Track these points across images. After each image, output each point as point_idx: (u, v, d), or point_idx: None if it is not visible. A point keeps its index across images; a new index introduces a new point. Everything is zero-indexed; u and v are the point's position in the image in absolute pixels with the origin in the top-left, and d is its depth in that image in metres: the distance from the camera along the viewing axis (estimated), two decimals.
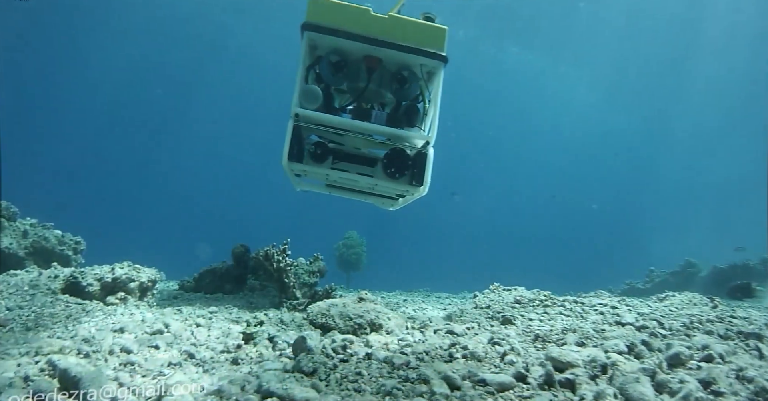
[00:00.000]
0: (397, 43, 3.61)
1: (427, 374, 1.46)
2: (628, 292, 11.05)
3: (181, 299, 4.39)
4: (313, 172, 3.62)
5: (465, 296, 8.19)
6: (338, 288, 4.40)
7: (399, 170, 3.65)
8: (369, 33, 3.50)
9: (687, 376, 1.45)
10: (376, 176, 3.67)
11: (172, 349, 2.03)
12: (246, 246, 5.34)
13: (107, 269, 3.89)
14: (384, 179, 3.65)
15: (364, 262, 16.55)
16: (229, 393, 1.35)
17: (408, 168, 3.71)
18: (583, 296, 4.32)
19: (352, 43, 3.49)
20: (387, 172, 3.60)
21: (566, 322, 2.80)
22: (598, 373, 1.54)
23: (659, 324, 2.60)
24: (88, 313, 3.15)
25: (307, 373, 1.57)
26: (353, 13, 3.51)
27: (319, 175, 3.73)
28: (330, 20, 3.45)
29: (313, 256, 5.26)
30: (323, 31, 3.43)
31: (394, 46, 3.60)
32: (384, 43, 3.53)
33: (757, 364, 1.69)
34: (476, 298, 4.24)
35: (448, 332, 2.39)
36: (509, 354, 1.79)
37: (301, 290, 3.90)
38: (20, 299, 3.30)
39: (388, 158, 3.61)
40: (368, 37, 3.49)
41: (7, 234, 5.64)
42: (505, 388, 1.40)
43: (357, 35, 3.45)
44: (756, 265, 10.19)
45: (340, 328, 2.45)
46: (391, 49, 3.59)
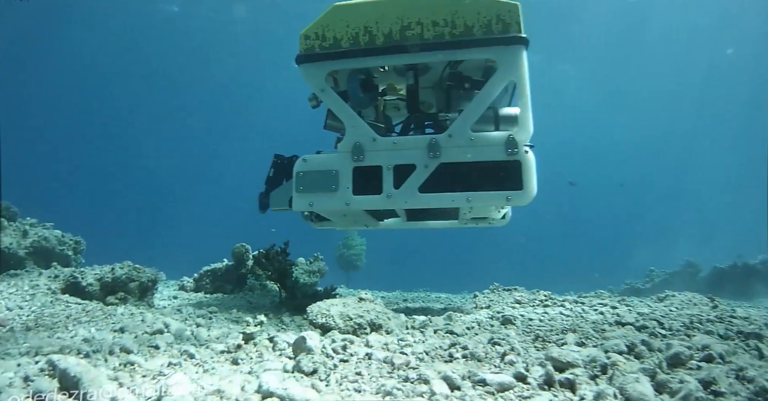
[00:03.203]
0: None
1: (427, 374, 1.46)
2: (628, 292, 11.04)
3: (181, 299, 4.39)
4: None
5: (465, 296, 8.19)
6: (338, 288, 4.40)
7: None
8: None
9: (687, 376, 1.45)
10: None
11: (172, 349, 2.03)
12: (246, 246, 5.35)
13: (107, 269, 3.89)
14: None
15: (364, 262, 16.57)
16: (229, 393, 1.34)
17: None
18: (583, 296, 4.33)
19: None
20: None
21: (566, 322, 2.80)
22: (598, 373, 1.54)
23: (659, 324, 2.60)
24: (88, 313, 3.15)
25: (307, 373, 1.57)
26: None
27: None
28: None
29: (313, 256, 5.28)
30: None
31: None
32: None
33: (757, 364, 1.69)
34: (476, 298, 4.24)
35: (448, 332, 2.39)
36: (509, 354, 1.79)
37: (301, 291, 3.90)
38: (20, 300, 3.30)
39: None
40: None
41: (7, 234, 5.64)
42: (505, 388, 1.40)
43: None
44: (756, 265, 10.18)
45: (340, 328, 2.45)
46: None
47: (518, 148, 2.97)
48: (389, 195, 3.11)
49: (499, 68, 3.13)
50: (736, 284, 9.87)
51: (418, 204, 3.13)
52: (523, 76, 3.09)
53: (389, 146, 3.19)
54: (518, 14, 3.09)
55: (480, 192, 3.00)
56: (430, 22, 3.16)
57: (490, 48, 3.10)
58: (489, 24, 3.08)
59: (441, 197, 3.07)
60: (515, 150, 2.95)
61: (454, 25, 3.12)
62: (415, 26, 3.18)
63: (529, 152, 2.97)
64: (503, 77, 3.14)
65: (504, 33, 3.07)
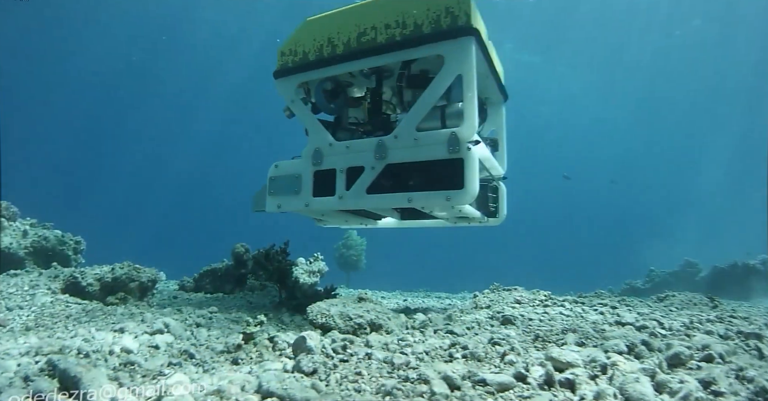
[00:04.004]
0: (498, 73, 3.62)
1: (427, 374, 1.46)
2: (628, 292, 11.06)
3: (181, 299, 4.39)
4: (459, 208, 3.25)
5: (465, 296, 8.19)
6: (338, 288, 4.40)
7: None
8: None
9: (687, 376, 1.45)
10: (475, 208, 3.57)
11: (172, 349, 2.03)
12: (246, 246, 5.35)
13: (107, 269, 3.89)
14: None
15: (364, 262, 16.58)
16: (229, 393, 1.34)
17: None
18: (583, 296, 4.33)
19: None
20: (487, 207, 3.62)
21: (566, 322, 2.80)
22: (598, 373, 1.54)
23: (659, 324, 2.60)
24: (88, 313, 3.15)
25: (307, 373, 1.57)
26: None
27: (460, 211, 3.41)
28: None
29: (313, 256, 5.27)
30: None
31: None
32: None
33: (757, 364, 1.69)
34: (476, 298, 4.24)
35: (448, 332, 2.39)
36: (509, 354, 1.79)
37: (301, 290, 3.90)
38: (20, 299, 3.30)
39: (490, 192, 3.63)
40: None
41: (7, 234, 5.64)
42: (505, 388, 1.40)
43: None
44: (756, 265, 10.19)
45: (340, 328, 2.45)
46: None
47: (460, 145, 2.83)
48: (341, 197, 3.24)
49: (445, 63, 3.01)
50: (736, 284, 9.87)
51: (365, 205, 3.19)
52: (470, 68, 2.93)
53: (343, 150, 3.31)
54: (468, 4, 2.97)
55: (420, 192, 2.94)
56: (383, 26, 3.21)
57: (438, 43, 3.02)
58: (438, 19, 3.02)
59: (384, 198, 3.09)
60: (457, 148, 2.83)
61: (405, 25, 3.13)
62: (370, 31, 3.26)
63: (471, 149, 2.82)
64: (449, 72, 2.99)
65: (452, 26, 2.99)
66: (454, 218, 3.88)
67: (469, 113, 2.90)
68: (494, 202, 3.80)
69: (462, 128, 2.87)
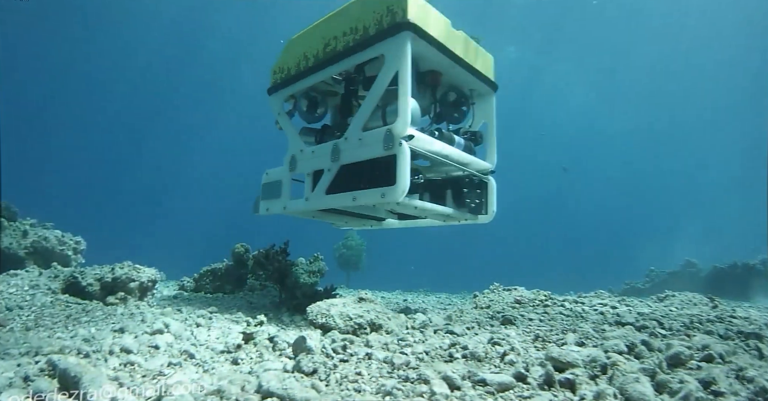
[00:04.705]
0: (470, 65, 3.45)
1: (427, 374, 1.46)
2: (628, 292, 11.07)
3: (181, 299, 4.39)
4: (404, 205, 3.15)
5: (465, 296, 8.19)
6: (338, 288, 4.41)
7: (479, 200, 3.65)
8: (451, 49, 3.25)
9: (687, 376, 1.45)
10: (449, 206, 3.54)
11: (172, 349, 2.03)
12: (246, 246, 5.35)
13: (107, 269, 3.89)
14: (460, 211, 3.54)
15: (364, 262, 16.59)
16: (229, 393, 1.34)
17: (480, 197, 3.68)
18: (583, 296, 4.33)
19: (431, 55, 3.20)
20: (469, 205, 3.54)
21: (566, 322, 2.80)
22: (598, 373, 1.54)
23: (659, 324, 2.60)
24: (88, 313, 3.15)
25: (307, 373, 1.57)
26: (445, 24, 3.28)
27: (408, 207, 3.30)
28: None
29: (313, 256, 5.26)
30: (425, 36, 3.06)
31: (468, 66, 3.41)
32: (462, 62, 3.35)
33: (757, 364, 1.69)
34: (476, 298, 4.24)
35: (448, 332, 2.39)
36: (509, 354, 1.79)
37: (301, 290, 3.90)
38: (20, 299, 3.30)
39: (468, 188, 3.55)
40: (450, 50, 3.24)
41: (7, 234, 5.64)
42: (505, 388, 1.40)
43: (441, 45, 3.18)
44: (756, 265, 10.19)
45: (340, 328, 2.45)
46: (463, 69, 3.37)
47: (393, 142, 2.82)
48: (307, 198, 3.46)
49: (385, 61, 3.01)
50: (736, 284, 9.88)
51: (324, 205, 3.34)
52: (404, 63, 2.89)
53: (309, 155, 3.54)
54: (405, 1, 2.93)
55: (362, 191, 3.00)
56: (341, 34, 3.35)
57: (381, 43, 3.03)
58: (381, 19, 3.06)
59: (337, 198, 3.21)
60: (391, 144, 2.83)
61: (356, 31, 3.23)
62: (332, 41, 3.42)
63: (403, 144, 2.79)
64: (388, 70, 2.97)
65: (390, 23, 2.99)
66: (440, 216, 3.81)
67: (402, 108, 2.89)
68: (477, 198, 3.65)
69: (396, 125, 2.88)
